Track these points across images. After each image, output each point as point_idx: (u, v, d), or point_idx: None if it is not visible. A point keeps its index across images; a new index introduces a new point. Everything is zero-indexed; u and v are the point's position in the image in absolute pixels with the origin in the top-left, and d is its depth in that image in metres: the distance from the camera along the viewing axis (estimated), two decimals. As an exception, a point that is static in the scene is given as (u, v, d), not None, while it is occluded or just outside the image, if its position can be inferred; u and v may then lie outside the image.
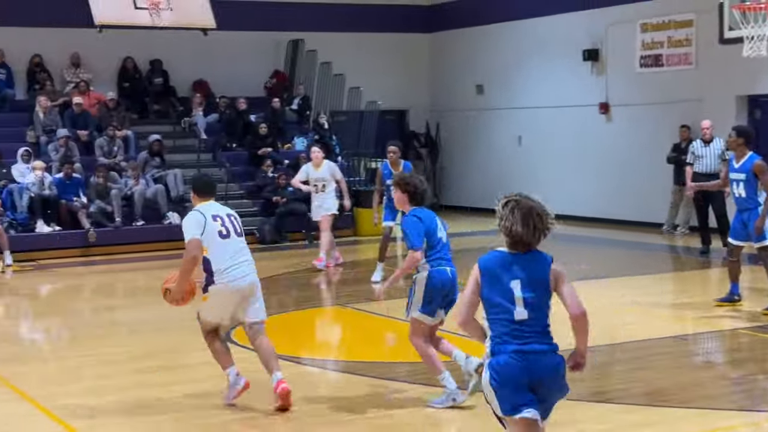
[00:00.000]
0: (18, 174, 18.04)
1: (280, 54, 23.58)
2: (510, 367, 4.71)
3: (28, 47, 20.69)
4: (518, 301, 4.76)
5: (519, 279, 4.77)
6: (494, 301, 4.79)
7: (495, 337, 4.79)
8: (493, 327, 4.82)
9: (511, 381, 4.71)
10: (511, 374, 4.71)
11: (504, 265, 4.82)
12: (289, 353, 9.26)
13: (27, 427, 7.15)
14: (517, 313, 4.75)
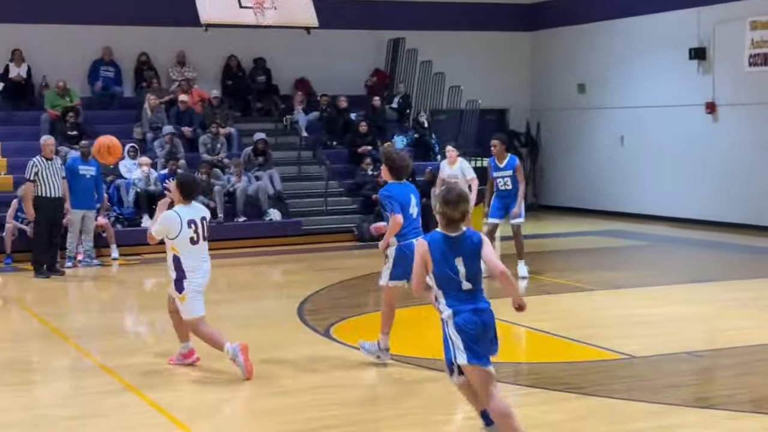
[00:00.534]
0: (125, 170, 18.48)
1: (381, 52, 23.66)
2: (474, 323, 5.85)
3: (136, 46, 21.17)
4: (462, 275, 5.88)
5: (461, 256, 5.88)
6: (444, 276, 5.89)
7: (450, 301, 5.90)
8: (446, 295, 5.91)
9: (477, 334, 5.83)
10: (475, 328, 5.85)
11: (447, 246, 5.88)
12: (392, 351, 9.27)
13: (134, 418, 7.30)
14: (464, 285, 5.89)
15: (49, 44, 20.41)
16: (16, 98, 20.05)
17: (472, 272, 5.91)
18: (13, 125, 19.58)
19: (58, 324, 11.18)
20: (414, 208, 8.62)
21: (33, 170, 14.82)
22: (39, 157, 14.98)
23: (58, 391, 8.28)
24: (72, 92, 19.96)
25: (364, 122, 21.04)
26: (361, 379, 8.45)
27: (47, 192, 14.84)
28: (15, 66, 20.02)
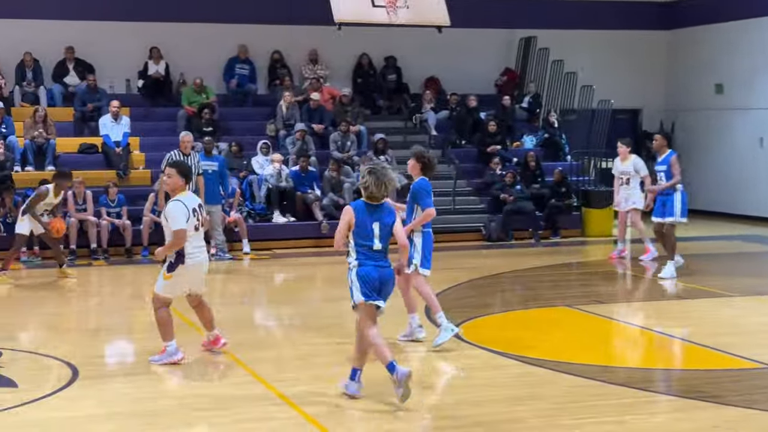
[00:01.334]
0: (257, 166, 18.82)
1: (512, 51, 23.48)
2: (371, 274, 7.52)
3: (270, 44, 21.53)
4: (376, 236, 7.52)
5: (377, 222, 7.52)
6: (362, 235, 7.50)
7: (360, 256, 7.53)
8: (358, 251, 7.52)
9: (370, 281, 7.52)
10: (371, 278, 7.52)
11: (368, 213, 7.52)
12: (513, 352, 9.20)
13: (263, 410, 7.41)
14: (375, 244, 7.52)
15: (186, 42, 20.94)
16: (155, 95, 20.64)
17: (383, 236, 7.54)
18: (151, 121, 20.16)
19: (192, 316, 11.44)
20: None
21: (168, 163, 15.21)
22: (176, 151, 15.36)
23: (191, 382, 8.47)
24: (208, 89, 20.44)
25: (494, 121, 20.92)
26: (488, 379, 8.39)
27: None
28: (153, 63, 20.60)
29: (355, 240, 7.52)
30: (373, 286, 7.51)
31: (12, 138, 17.86)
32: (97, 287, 14.71)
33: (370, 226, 7.49)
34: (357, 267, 7.54)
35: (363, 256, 7.52)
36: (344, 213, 7.59)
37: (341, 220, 7.62)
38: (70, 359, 8.99)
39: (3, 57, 19.93)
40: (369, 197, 7.55)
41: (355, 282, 7.55)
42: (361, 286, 7.52)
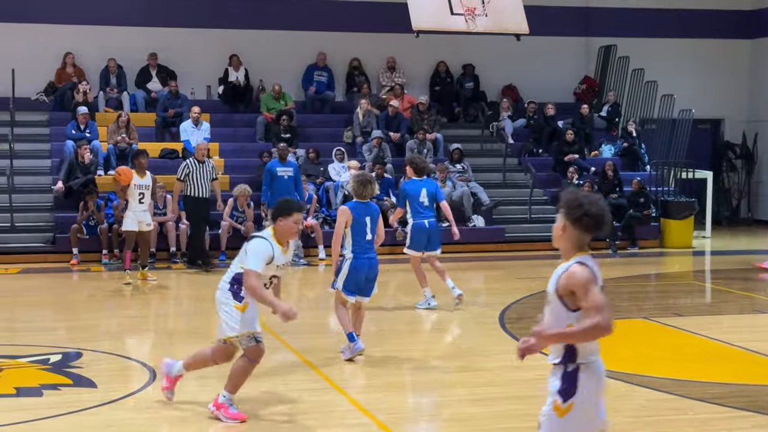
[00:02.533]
0: (334, 172, 18.94)
1: (591, 60, 23.30)
2: (362, 267, 9.00)
3: (348, 51, 21.67)
4: (368, 229, 9.00)
5: (369, 216, 9.04)
6: (357, 228, 8.98)
7: (355, 247, 8.98)
8: (354, 242, 8.98)
9: (358, 276, 8.98)
10: (361, 271, 9.00)
11: (361, 210, 9.04)
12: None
13: (336, 415, 7.46)
14: (368, 235, 9.02)
15: (266, 49, 21.19)
16: (234, 101, 20.92)
17: (373, 227, 9.07)
18: (231, 127, 20.43)
19: (267, 319, 11.55)
20: (424, 198, 12.04)
21: (184, 171, 15.57)
22: (192, 159, 15.71)
23: (264, 386, 8.56)
24: (287, 96, 20.64)
25: (572, 130, 20.76)
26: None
27: (195, 192, 15.68)
28: (233, 70, 20.88)
29: (352, 234, 9.00)
30: (358, 280, 9.03)
31: (96, 143, 18.25)
32: (176, 290, 14.93)
33: (363, 219, 9.01)
34: (351, 259, 9.00)
35: (358, 248, 9.00)
36: (341, 213, 9.08)
37: (339, 218, 9.07)
38: (148, 361, 9.15)
39: (88, 63, 20.40)
40: (359, 197, 9.10)
41: (345, 272, 9.00)
42: (347, 278, 9.01)
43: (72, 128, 18.52)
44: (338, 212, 9.21)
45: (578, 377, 4.55)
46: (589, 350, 4.58)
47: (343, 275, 9.03)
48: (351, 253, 9.03)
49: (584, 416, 4.56)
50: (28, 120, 19.69)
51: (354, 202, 9.22)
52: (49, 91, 20.22)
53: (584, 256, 4.61)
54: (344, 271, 9.02)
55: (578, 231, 4.59)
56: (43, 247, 16.90)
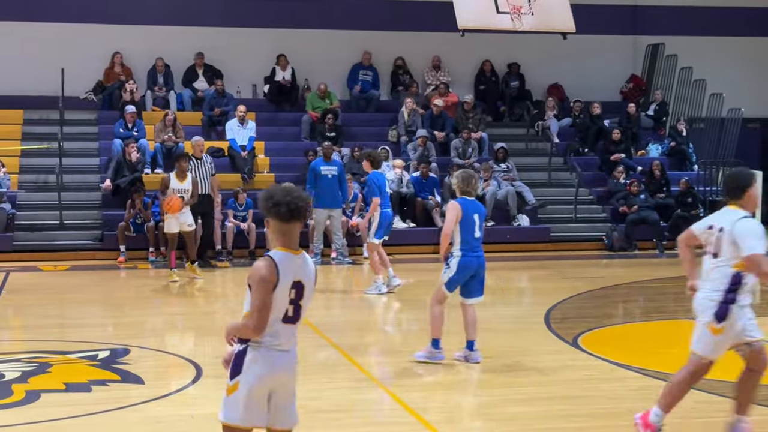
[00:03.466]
0: (378, 171, 18.93)
1: (639, 58, 23.10)
2: (471, 264, 8.80)
3: (393, 50, 21.67)
4: (477, 227, 8.80)
5: (477, 214, 8.85)
6: (466, 226, 8.75)
7: (463, 246, 8.75)
8: (462, 240, 8.74)
9: (465, 274, 8.80)
10: (468, 269, 8.80)
11: (470, 206, 8.84)
12: (634, 364, 9.04)
13: (382, 414, 7.46)
14: (476, 233, 8.81)
15: (312, 48, 21.25)
16: (280, 100, 21.01)
17: (481, 225, 8.84)
18: (276, 126, 20.53)
19: (311, 317, 11.61)
20: (386, 188, 13.53)
21: None
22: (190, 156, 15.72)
23: (310, 384, 8.58)
24: (332, 95, 20.69)
25: (618, 129, 20.59)
26: (606, 391, 8.27)
27: None
28: (280, 69, 20.97)
29: (460, 231, 8.74)
30: (465, 277, 8.81)
31: (143, 141, 18.42)
32: (221, 288, 15.03)
33: (472, 216, 8.77)
34: (460, 257, 8.75)
35: (466, 246, 8.75)
36: (452, 208, 8.83)
37: (449, 212, 8.89)
38: (195, 358, 9.21)
39: (136, 62, 20.60)
40: (465, 193, 8.87)
41: (453, 268, 8.77)
42: (455, 274, 8.78)
43: (120, 127, 18.71)
44: (448, 208, 8.98)
45: (245, 358, 4.77)
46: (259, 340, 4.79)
47: (450, 272, 8.78)
48: (459, 251, 8.75)
49: (246, 398, 4.76)
50: (76, 119, 19.92)
51: (462, 198, 8.86)
52: (98, 90, 20.45)
53: (279, 252, 4.79)
54: (452, 268, 8.77)
55: (275, 221, 4.79)
56: (91, 245, 17.09)
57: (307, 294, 4.85)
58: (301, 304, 4.82)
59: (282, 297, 4.76)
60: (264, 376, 4.78)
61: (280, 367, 4.81)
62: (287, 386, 4.87)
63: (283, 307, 4.78)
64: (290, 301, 4.79)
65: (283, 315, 4.79)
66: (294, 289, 4.78)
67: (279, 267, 4.74)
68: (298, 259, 4.81)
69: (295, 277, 4.78)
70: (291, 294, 4.78)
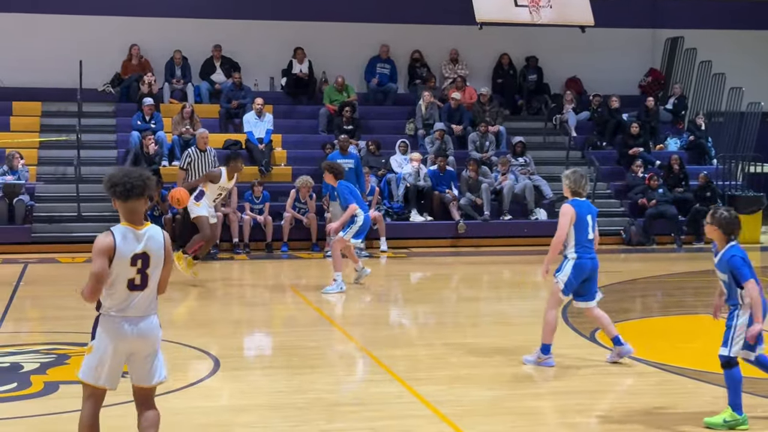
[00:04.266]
0: (396, 164, 18.93)
1: (658, 52, 23.00)
2: (585, 266, 8.55)
3: (411, 43, 21.63)
4: (590, 228, 8.57)
5: (590, 215, 8.61)
6: (580, 227, 8.50)
7: (578, 248, 8.51)
8: (577, 242, 8.50)
9: (580, 275, 8.56)
10: (584, 270, 8.56)
11: (584, 207, 8.59)
12: (653, 359, 9.00)
13: (399, 407, 7.45)
14: (590, 234, 8.58)
15: (330, 41, 21.24)
16: (297, 93, 21.01)
17: (593, 226, 8.59)
18: (294, 119, 20.53)
19: (329, 311, 11.62)
20: None
21: (186, 160, 15.59)
22: (193, 148, 15.74)
23: (328, 377, 8.59)
24: (349, 88, 20.68)
25: (636, 123, 20.50)
26: (624, 386, 8.24)
27: None
28: (297, 62, 20.97)
29: (574, 233, 8.49)
30: (581, 278, 8.55)
31: (161, 133, 18.46)
32: (239, 281, 15.05)
33: (585, 218, 8.54)
34: (575, 259, 8.51)
35: (581, 248, 8.51)
36: (566, 211, 8.46)
37: (563, 217, 8.47)
38: (212, 350, 9.23)
39: (154, 55, 20.63)
40: (577, 194, 8.55)
41: (568, 271, 8.52)
42: (570, 277, 8.53)
43: (137, 119, 18.75)
44: (561, 211, 8.50)
45: (97, 325, 5.42)
46: (107, 306, 5.37)
47: (564, 275, 8.52)
48: (574, 253, 8.49)
49: (98, 361, 5.39)
50: (94, 111, 19.97)
51: (575, 200, 8.54)
52: (116, 82, 20.50)
53: (121, 226, 5.39)
54: (566, 271, 8.50)
55: (116, 201, 5.39)
56: (109, 237, 17.11)
57: (153, 263, 5.38)
58: (148, 273, 5.36)
59: (123, 267, 5.31)
60: (111, 343, 5.37)
61: (131, 334, 5.38)
62: (144, 350, 5.45)
63: (125, 275, 5.32)
64: (137, 270, 5.33)
65: (129, 283, 5.33)
66: (140, 259, 5.33)
67: (116, 239, 5.31)
68: (142, 233, 5.37)
69: (138, 249, 5.33)
70: (138, 264, 5.33)
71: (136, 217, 5.41)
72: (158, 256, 5.41)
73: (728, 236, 7.02)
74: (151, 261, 5.38)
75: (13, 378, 8.12)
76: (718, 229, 7.03)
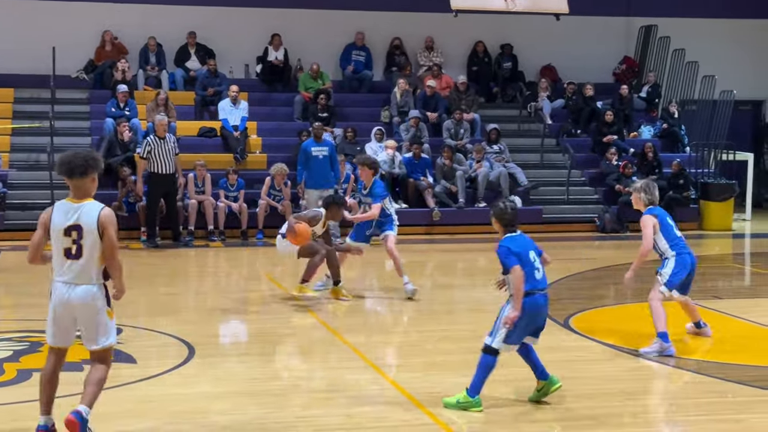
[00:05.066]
0: (371, 152, 18.89)
1: (632, 40, 23.09)
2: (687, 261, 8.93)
3: (386, 31, 21.61)
4: (675, 227, 8.97)
5: (669, 217, 9.00)
6: (667, 229, 8.88)
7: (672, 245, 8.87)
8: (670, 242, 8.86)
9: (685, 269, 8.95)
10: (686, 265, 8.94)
11: (663, 213, 8.99)
12: (627, 345, 9.07)
13: (374, 394, 7.48)
14: (678, 232, 8.94)
15: (305, 28, 21.18)
16: (273, 80, 20.95)
17: (676, 225, 9.00)
18: (269, 106, 20.47)
19: (304, 298, 11.61)
20: None
21: (146, 149, 15.64)
22: (152, 136, 15.78)
23: (303, 364, 8.61)
24: (324, 75, 20.64)
25: (611, 111, 20.60)
26: (598, 372, 8.30)
27: (158, 168, 15.75)
28: (273, 50, 20.90)
29: (664, 236, 8.84)
30: (688, 271, 8.90)
31: (135, 121, 18.36)
32: (213, 268, 15.03)
33: (666, 221, 8.92)
34: (675, 255, 8.84)
35: (676, 246, 8.86)
36: (647, 222, 8.77)
37: (646, 228, 8.78)
38: (187, 338, 9.22)
39: (128, 41, 20.50)
40: (653, 203, 8.90)
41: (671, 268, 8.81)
42: (676, 271, 8.82)
43: (111, 106, 18.63)
44: (643, 223, 8.84)
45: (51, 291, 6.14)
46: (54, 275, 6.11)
47: (668, 272, 8.83)
48: (672, 251, 8.85)
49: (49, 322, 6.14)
50: (68, 98, 19.84)
51: (651, 208, 8.91)
52: (89, 69, 20.36)
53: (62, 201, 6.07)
54: (670, 267, 8.83)
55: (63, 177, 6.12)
56: (83, 224, 17.03)
57: (86, 235, 5.95)
58: (82, 243, 5.94)
59: (57, 236, 5.98)
60: (56, 305, 6.06)
61: (69, 298, 6.01)
62: (85, 315, 6.03)
63: (61, 245, 5.98)
64: (72, 240, 5.95)
65: (65, 251, 5.97)
66: (74, 230, 5.94)
67: (53, 213, 6.02)
68: (77, 206, 5.98)
69: (71, 221, 5.95)
70: (72, 235, 5.94)
71: (78, 192, 6.03)
72: (91, 229, 5.94)
73: None
74: (84, 232, 5.94)
75: (-14, 366, 8.08)
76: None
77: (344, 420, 6.74)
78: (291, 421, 6.71)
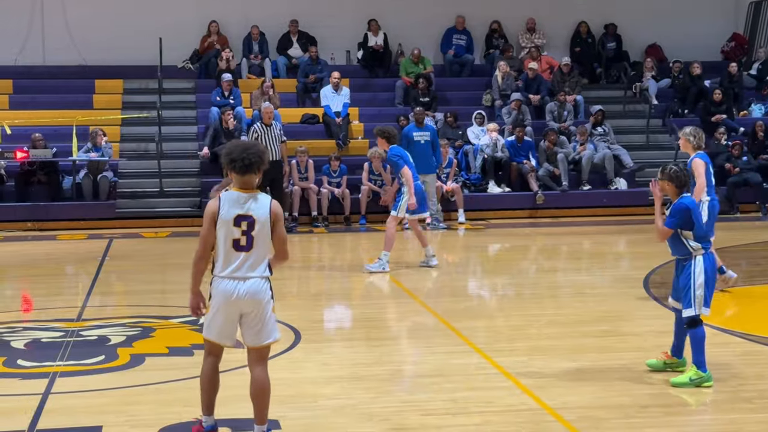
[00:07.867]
0: (473, 136, 18.86)
1: (741, 16, 22.48)
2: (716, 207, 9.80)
3: (487, 13, 21.47)
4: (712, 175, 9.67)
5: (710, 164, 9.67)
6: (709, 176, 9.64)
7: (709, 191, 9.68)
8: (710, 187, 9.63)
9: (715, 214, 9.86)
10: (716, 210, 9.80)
11: (707, 159, 9.61)
12: (737, 329, 8.88)
13: (479, 378, 7.46)
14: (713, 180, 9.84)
15: (405, 13, 21.18)
16: (373, 66, 21.02)
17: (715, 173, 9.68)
18: (370, 92, 20.55)
19: (408, 283, 11.64)
20: None
21: (253, 135, 15.70)
22: (259, 124, 15.81)
23: (408, 349, 8.63)
24: (425, 60, 20.61)
25: (719, 89, 20.09)
26: (711, 356, 8.10)
27: None
28: (372, 35, 20.96)
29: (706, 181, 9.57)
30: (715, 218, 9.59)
31: (240, 109, 18.63)
32: (317, 254, 15.18)
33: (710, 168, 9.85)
34: (709, 201, 9.58)
35: (711, 194, 9.56)
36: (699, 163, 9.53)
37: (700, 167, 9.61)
38: (293, 323, 9.33)
39: (231, 31, 20.82)
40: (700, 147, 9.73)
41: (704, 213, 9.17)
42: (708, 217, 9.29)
43: (217, 95, 18.95)
44: (696, 163, 9.56)
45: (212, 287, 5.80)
46: (218, 267, 5.74)
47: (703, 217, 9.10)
48: (707, 195, 9.62)
49: (211, 318, 5.81)
50: (174, 87, 20.25)
51: (700, 153, 9.70)
52: (195, 59, 20.73)
53: (231, 191, 5.74)
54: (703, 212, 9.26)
55: (233, 174, 5.71)
56: (190, 211, 17.39)
57: (257, 227, 5.66)
58: (253, 235, 5.65)
59: (227, 227, 5.65)
60: (222, 302, 5.73)
61: (238, 293, 5.71)
62: (254, 311, 5.78)
63: (230, 236, 5.65)
64: (242, 232, 5.64)
65: (234, 243, 5.66)
66: (244, 221, 5.64)
67: (221, 203, 5.67)
68: (249, 198, 5.68)
69: (242, 211, 5.64)
70: (242, 225, 5.64)
71: (247, 185, 5.73)
72: (263, 220, 5.67)
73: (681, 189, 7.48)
74: (256, 224, 5.66)
75: (100, 351, 8.31)
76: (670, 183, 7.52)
77: (450, 405, 6.74)
78: (397, 406, 6.74)
